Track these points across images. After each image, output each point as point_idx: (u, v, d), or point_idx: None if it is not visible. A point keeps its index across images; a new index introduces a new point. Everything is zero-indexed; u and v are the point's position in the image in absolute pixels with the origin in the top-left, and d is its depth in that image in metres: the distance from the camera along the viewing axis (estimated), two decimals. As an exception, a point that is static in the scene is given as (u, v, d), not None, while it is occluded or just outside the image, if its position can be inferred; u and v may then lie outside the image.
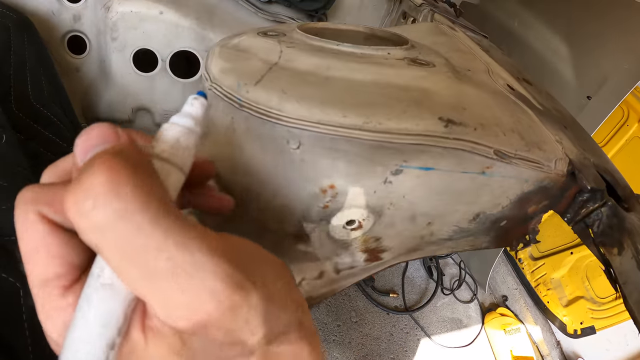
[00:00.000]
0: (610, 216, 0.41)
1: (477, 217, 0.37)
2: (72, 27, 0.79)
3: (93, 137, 0.17)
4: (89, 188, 0.14)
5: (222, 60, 0.36)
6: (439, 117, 0.29)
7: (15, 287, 0.33)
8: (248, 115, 0.30)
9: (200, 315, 0.15)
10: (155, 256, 0.15)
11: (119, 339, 0.16)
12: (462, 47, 0.55)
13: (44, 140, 0.60)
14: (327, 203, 0.29)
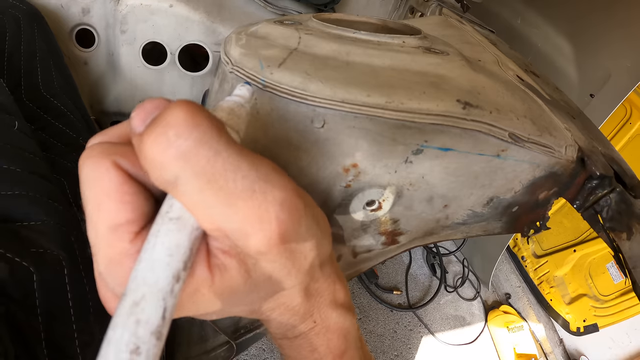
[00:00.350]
0: (619, 202, 0.42)
1: (490, 201, 0.38)
2: (81, 20, 0.79)
3: (149, 107, 0.18)
4: (170, 122, 0.16)
5: (240, 47, 0.36)
6: (457, 100, 0.30)
7: (29, 271, 0.34)
8: (272, 96, 0.30)
9: (274, 226, 0.17)
10: (233, 176, 0.16)
11: (184, 273, 0.16)
12: (471, 40, 0.56)
13: (54, 131, 0.60)
14: (350, 182, 0.30)
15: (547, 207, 0.45)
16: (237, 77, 0.34)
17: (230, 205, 0.16)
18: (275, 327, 0.24)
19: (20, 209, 0.40)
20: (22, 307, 0.35)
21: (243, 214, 0.17)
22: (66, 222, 0.42)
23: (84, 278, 0.40)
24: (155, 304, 0.15)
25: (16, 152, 0.44)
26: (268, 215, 0.17)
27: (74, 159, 0.61)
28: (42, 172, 0.45)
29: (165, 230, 0.16)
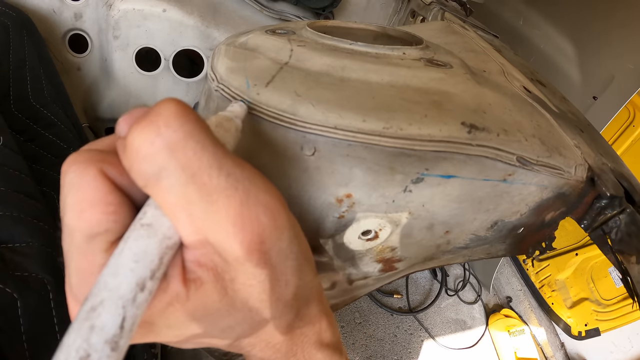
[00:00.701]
0: (629, 224, 0.40)
1: (494, 225, 0.36)
2: (74, 25, 0.77)
3: (137, 113, 0.18)
4: (161, 112, 0.16)
5: (228, 60, 0.34)
6: (461, 122, 0.28)
7: (12, 297, 0.32)
8: (259, 119, 0.28)
9: (255, 228, 0.17)
10: (218, 173, 0.16)
11: (150, 283, 0.15)
12: (475, 47, 0.53)
13: (44, 142, 0.59)
14: (343, 213, 0.28)
15: (553, 227, 0.43)
16: (222, 97, 0.32)
17: (213, 202, 0.16)
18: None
19: (3, 230, 0.39)
20: (6, 334, 0.33)
21: (224, 212, 0.16)
22: (52, 242, 0.41)
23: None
24: (113, 311, 0.14)
25: (0, 170, 0.42)
26: (250, 216, 0.16)
27: (63, 170, 0.59)
28: (27, 191, 0.43)
29: (135, 236, 0.16)
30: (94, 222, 0.16)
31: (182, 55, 0.80)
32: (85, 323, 0.14)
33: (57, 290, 0.36)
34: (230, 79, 0.31)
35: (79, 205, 0.17)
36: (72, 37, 0.78)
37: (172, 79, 0.81)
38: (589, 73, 1.36)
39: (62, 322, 0.36)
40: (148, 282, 0.15)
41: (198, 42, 0.78)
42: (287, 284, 0.19)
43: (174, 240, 0.17)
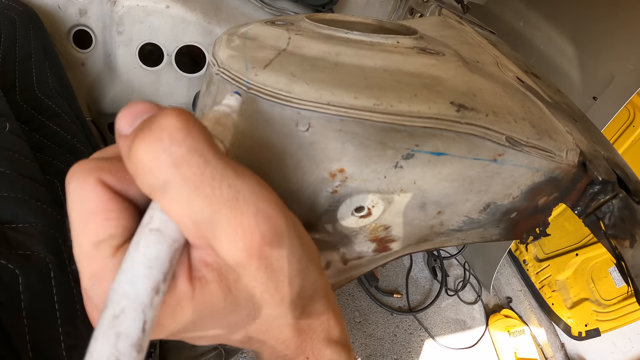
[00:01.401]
0: (622, 208, 0.40)
1: (487, 207, 0.37)
2: (78, 21, 0.79)
3: (136, 110, 0.18)
4: (165, 127, 0.16)
5: (229, 47, 0.35)
6: (450, 102, 0.29)
7: (14, 273, 0.33)
8: (256, 98, 0.29)
9: (255, 235, 0.17)
10: (220, 185, 0.17)
11: (163, 285, 0.16)
12: (470, 41, 0.54)
13: (48, 132, 0.60)
14: (336, 188, 0.29)
15: (547, 213, 0.43)
16: (223, 79, 0.33)
17: (215, 212, 0.17)
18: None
19: (8, 210, 0.40)
20: (7, 309, 0.34)
21: (226, 221, 0.17)
22: (55, 224, 0.42)
23: (72, 281, 0.40)
24: (135, 317, 0.15)
25: (5, 154, 0.43)
26: (249, 224, 0.17)
27: (68, 160, 0.60)
28: (31, 175, 0.44)
29: (145, 241, 0.17)
30: (98, 230, 0.18)
31: (184, 54, 0.82)
32: (111, 331, 0.15)
33: (59, 269, 0.37)
34: (230, 63, 0.33)
35: (82, 215, 0.18)
36: (77, 33, 0.80)
37: (174, 75, 0.83)
38: (589, 73, 1.37)
39: (61, 300, 0.37)
40: (162, 285, 0.16)
41: (200, 38, 0.80)
42: (290, 285, 0.20)
43: (181, 242, 0.18)
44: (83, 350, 0.15)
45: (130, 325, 0.15)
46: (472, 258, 1.82)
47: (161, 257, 0.16)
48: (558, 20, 1.44)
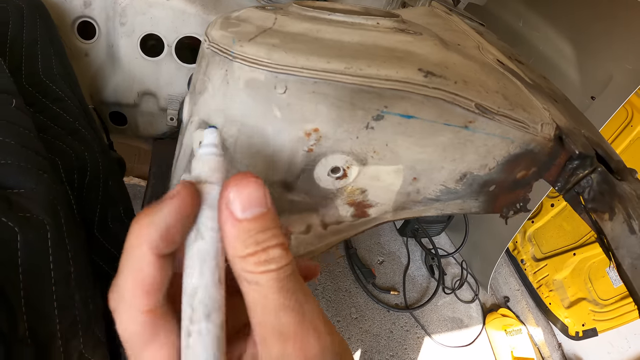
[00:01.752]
0: (601, 182, 0.41)
1: (464, 177, 0.38)
2: (83, 12, 0.82)
3: (251, 199, 0.20)
4: (273, 257, 0.19)
5: (221, 28, 0.38)
6: (418, 68, 0.31)
7: (13, 231, 0.35)
8: (240, 66, 0.31)
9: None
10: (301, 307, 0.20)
11: (223, 281, 0.20)
12: (455, 28, 0.56)
13: (52, 114, 0.62)
14: (311, 147, 0.31)
15: (527, 188, 0.45)
16: (212, 52, 0.35)
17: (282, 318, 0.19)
18: None
19: (11, 176, 0.42)
20: (4, 265, 0.36)
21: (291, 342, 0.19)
22: (54, 192, 0.44)
23: (67, 245, 0.42)
24: None
25: (11, 127, 0.46)
26: (314, 335, 0.19)
27: (69, 141, 0.63)
28: (35, 148, 0.46)
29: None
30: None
31: (185, 49, 0.84)
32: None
33: (56, 231, 0.39)
34: (219, 39, 0.35)
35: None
36: (81, 24, 0.83)
37: (174, 65, 0.85)
38: (588, 73, 1.38)
39: (57, 261, 0.39)
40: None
41: (199, 30, 0.82)
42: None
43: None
44: (75, 312, 0.17)
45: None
46: (470, 257, 1.83)
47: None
48: (557, 21, 1.46)
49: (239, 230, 0.19)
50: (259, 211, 0.20)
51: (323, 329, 0.20)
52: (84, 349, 0.43)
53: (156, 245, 0.19)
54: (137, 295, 0.19)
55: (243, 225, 0.19)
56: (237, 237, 0.19)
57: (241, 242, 0.19)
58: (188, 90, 0.57)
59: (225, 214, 0.20)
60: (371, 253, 1.78)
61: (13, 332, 0.34)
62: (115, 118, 0.94)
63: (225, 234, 0.20)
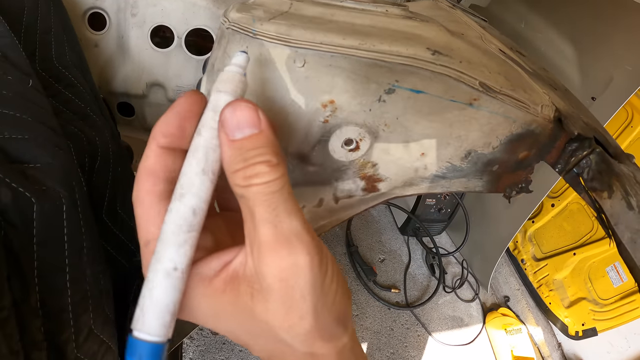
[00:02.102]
0: (599, 162, 0.43)
1: (469, 155, 0.40)
2: (94, 4, 0.84)
3: (245, 120, 0.22)
4: (258, 173, 0.21)
5: (239, 12, 0.40)
6: (427, 47, 0.33)
7: (30, 201, 0.36)
8: (261, 42, 0.33)
9: (287, 262, 0.21)
10: (281, 217, 0.22)
11: (211, 174, 0.23)
12: (458, 20, 0.58)
13: (64, 99, 0.64)
14: (327, 118, 0.32)
15: (529, 170, 0.46)
16: (233, 31, 0.37)
17: (266, 225, 0.21)
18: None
19: (28, 151, 0.43)
20: (20, 233, 0.37)
21: (272, 243, 0.21)
22: (69, 167, 0.45)
23: (81, 220, 0.43)
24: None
25: (29, 104, 0.47)
26: (287, 253, 0.21)
27: (80, 125, 0.64)
28: (51, 125, 0.48)
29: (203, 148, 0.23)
30: (145, 230, 0.23)
31: (192, 45, 0.86)
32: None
33: (71, 205, 0.40)
34: (239, 19, 0.37)
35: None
36: (92, 15, 0.84)
37: (183, 56, 0.87)
38: (589, 74, 1.40)
39: (70, 233, 0.40)
40: (209, 172, 0.23)
41: (209, 22, 0.84)
42: (301, 318, 0.22)
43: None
44: (86, 285, 0.19)
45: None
46: (470, 256, 1.84)
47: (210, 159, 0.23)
48: (559, 23, 1.47)
49: (231, 149, 0.22)
50: (249, 132, 0.22)
51: (299, 246, 0.21)
52: (93, 324, 0.44)
53: (157, 138, 0.23)
54: (142, 176, 0.23)
55: (235, 144, 0.22)
56: (230, 155, 0.22)
57: (233, 160, 0.22)
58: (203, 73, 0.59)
59: (222, 135, 0.22)
60: (372, 251, 1.79)
61: (26, 302, 0.35)
62: (123, 109, 0.96)
63: (222, 154, 0.23)
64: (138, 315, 0.21)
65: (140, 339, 0.21)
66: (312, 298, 0.22)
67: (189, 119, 0.24)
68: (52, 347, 0.35)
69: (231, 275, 0.23)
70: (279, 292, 0.21)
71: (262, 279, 0.21)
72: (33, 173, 0.41)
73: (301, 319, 0.22)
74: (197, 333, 1.27)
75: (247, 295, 0.22)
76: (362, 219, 1.88)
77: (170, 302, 0.21)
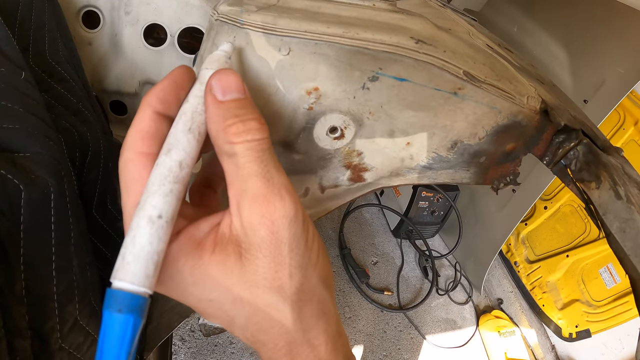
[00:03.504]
0: (586, 153, 0.43)
1: (455, 145, 0.40)
2: (88, 2, 0.84)
3: (231, 85, 0.24)
4: (252, 128, 0.23)
5: (229, 5, 0.40)
6: (410, 36, 0.33)
7: (18, 188, 0.36)
8: (248, 31, 0.33)
9: (272, 211, 0.22)
10: (268, 169, 0.23)
11: (197, 134, 0.23)
12: (447, 17, 0.59)
13: (56, 94, 0.64)
14: (312, 105, 0.32)
15: (516, 162, 0.47)
16: (221, 22, 0.37)
17: (250, 178, 0.22)
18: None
19: (18, 140, 0.43)
20: (6, 219, 0.37)
21: (255, 190, 0.22)
22: (59, 157, 0.45)
23: (69, 210, 0.43)
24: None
25: (20, 95, 0.47)
26: (272, 200, 0.22)
27: (72, 120, 0.64)
28: (41, 116, 0.48)
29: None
30: (138, 194, 0.23)
31: (185, 47, 0.86)
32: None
33: (59, 194, 0.40)
34: (227, 12, 0.37)
35: (125, 185, 0.24)
36: (86, 13, 0.85)
37: (176, 55, 0.87)
38: (581, 77, 1.41)
39: (58, 222, 0.39)
40: (195, 131, 0.24)
41: (202, 21, 0.84)
42: (291, 276, 0.22)
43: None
44: (73, 275, 0.19)
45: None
46: (464, 259, 1.84)
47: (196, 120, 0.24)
48: (551, 26, 1.49)
49: (220, 108, 0.23)
50: (237, 95, 0.23)
51: (288, 198, 0.22)
52: (79, 315, 0.43)
53: (153, 104, 0.23)
54: (135, 139, 0.23)
55: (224, 104, 0.23)
56: (219, 114, 0.23)
57: (222, 117, 0.23)
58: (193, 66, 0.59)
59: (209, 98, 0.23)
60: (365, 253, 1.79)
61: (10, 289, 0.35)
62: (115, 108, 0.96)
63: (209, 114, 0.23)
64: (119, 265, 0.20)
65: (120, 289, 0.19)
66: (299, 252, 0.22)
67: (183, 89, 0.25)
68: (36, 335, 0.35)
69: (219, 236, 0.23)
70: (269, 246, 0.22)
71: (252, 233, 0.22)
72: (22, 162, 0.41)
73: (290, 277, 0.22)
74: (188, 335, 1.26)
75: (235, 255, 0.22)
76: (355, 222, 1.88)
77: (154, 251, 0.20)
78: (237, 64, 0.35)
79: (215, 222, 0.24)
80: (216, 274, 0.22)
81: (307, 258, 0.23)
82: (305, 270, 0.23)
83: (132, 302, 0.19)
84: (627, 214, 0.39)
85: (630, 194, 0.40)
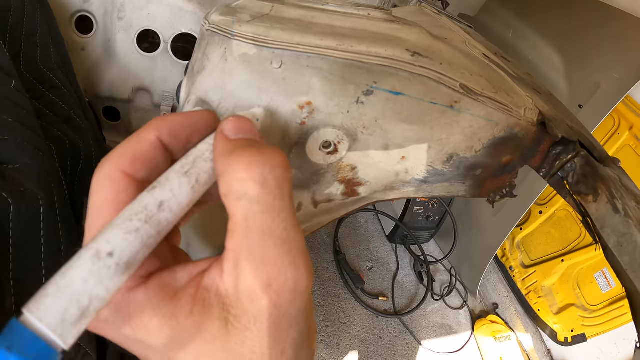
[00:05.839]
0: (584, 165, 0.43)
1: (450, 158, 0.40)
2: (82, 7, 0.83)
3: (246, 126, 0.22)
4: (272, 158, 0.20)
5: (221, 15, 0.40)
6: (406, 49, 0.33)
7: (7, 202, 0.35)
8: (239, 43, 0.33)
9: (280, 281, 0.18)
10: (279, 222, 0.19)
11: (194, 181, 0.21)
12: (443, 25, 0.59)
13: (48, 101, 0.63)
14: (304, 119, 0.32)
15: (513, 174, 0.46)
16: (212, 33, 0.37)
17: (261, 239, 0.18)
18: None
19: (7, 151, 0.43)
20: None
21: (263, 251, 0.18)
22: (48, 169, 0.45)
23: (59, 222, 0.42)
24: None
25: (10, 105, 0.46)
26: (282, 266, 0.18)
27: (63, 128, 0.63)
28: (31, 126, 0.47)
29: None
30: (109, 218, 0.19)
31: (180, 51, 0.86)
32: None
33: (49, 207, 0.40)
34: (219, 22, 0.37)
35: (97, 205, 0.19)
36: (79, 18, 0.84)
37: (169, 61, 0.86)
38: (576, 82, 1.41)
39: (48, 236, 0.39)
40: (190, 171, 0.21)
41: (195, 27, 0.84)
42: (283, 353, 0.19)
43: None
44: None
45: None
46: (459, 264, 1.84)
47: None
48: (546, 31, 1.50)
49: (230, 144, 0.21)
50: (250, 137, 0.22)
51: (304, 268, 0.19)
52: (71, 328, 0.42)
53: (161, 131, 0.21)
54: (125, 156, 0.20)
55: (234, 141, 0.21)
56: (227, 149, 0.20)
57: (232, 147, 0.20)
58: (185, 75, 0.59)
59: (219, 136, 0.21)
60: (360, 259, 1.78)
61: (0, 305, 0.34)
62: (109, 114, 0.95)
63: (216, 151, 0.21)
64: (37, 296, 0.16)
65: (26, 325, 0.15)
66: (298, 328, 0.19)
67: (198, 133, 0.22)
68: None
69: (201, 293, 0.19)
70: (267, 321, 0.18)
71: (248, 302, 0.18)
72: (11, 174, 0.41)
73: (282, 354, 0.19)
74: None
75: (220, 321, 0.18)
76: (349, 227, 1.87)
77: (85, 293, 0.16)
78: (226, 75, 0.34)
79: (194, 272, 0.20)
80: (190, 338, 0.18)
81: (304, 334, 0.20)
82: (299, 347, 0.20)
83: (30, 345, 0.14)
84: (624, 228, 0.39)
85: (627, 207, 0.40)
